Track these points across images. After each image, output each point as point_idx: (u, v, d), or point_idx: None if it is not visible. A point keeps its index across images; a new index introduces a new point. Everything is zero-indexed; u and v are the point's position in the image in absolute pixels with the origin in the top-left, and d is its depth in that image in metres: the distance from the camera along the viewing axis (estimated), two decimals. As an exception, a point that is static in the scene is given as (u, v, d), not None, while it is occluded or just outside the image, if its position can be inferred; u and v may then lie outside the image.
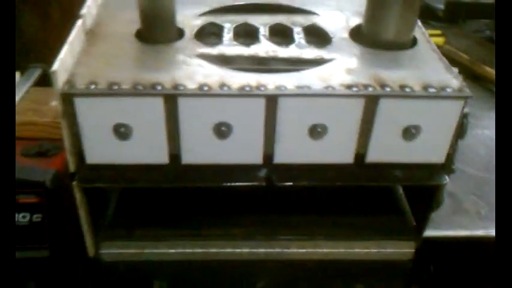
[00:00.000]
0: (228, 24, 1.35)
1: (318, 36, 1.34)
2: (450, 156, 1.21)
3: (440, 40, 2.20)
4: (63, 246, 1.42)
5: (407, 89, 1.10)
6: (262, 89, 1.08)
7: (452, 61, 1.64)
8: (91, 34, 1.28)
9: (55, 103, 1.14)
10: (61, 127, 1.10)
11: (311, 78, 1.13)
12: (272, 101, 1.09)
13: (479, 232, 1.44)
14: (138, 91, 1.07)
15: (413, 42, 1.30)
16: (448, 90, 1.11)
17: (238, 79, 1.11)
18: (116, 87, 1.07)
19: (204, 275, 1.42)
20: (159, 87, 1.07)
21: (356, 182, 1.22)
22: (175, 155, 1.16)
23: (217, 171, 1.19)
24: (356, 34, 1.32)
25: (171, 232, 1.36)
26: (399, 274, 1.44)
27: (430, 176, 1.22)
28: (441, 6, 2.42)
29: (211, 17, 1.39)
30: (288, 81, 1.11)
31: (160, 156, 1.16)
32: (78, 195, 1.21)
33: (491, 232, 1.43)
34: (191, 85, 1.08)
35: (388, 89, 1.10)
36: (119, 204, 1.43)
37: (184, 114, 1.09)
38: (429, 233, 1.39)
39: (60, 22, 2.32)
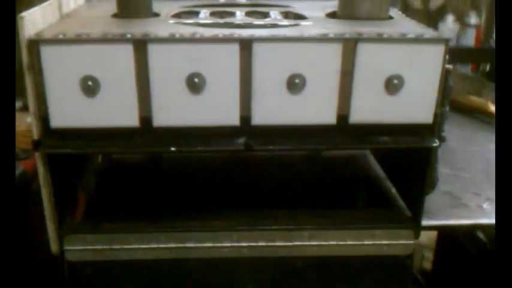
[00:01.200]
0: (205, 9, 1.36)
1: (294, 17, 1.34)
2: (438, 117, 1.15)
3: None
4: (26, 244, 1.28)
5: (385, 35, 1.08)
6: (236, 35, 1.05)
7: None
8: (66, 17, 1.28)
9: (29, 119, 1.10)
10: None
11: (286, 31, 1.11)
12: (246, 46, 1.05)
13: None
14: (107, 38, 1.04)
15: (390, 17, 1.30)
16: (426, 35, 1.09)
17: (211, 31, 1.08)
18: (84, 36, 1.04)
19: (180, 278, 1.26)
20: (128, 35, 1.04)
21: (340, 145, 1.14)
22: (146, 117, 1.10)
23: (192, 136, 1.12)
24: (332, 15, 1.32)
25: (143, 224, 1.24)
26: (399, 275, 1.29)
27: (419, 139, 1.15)
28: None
29: (189, 7, 1.40)
30: (262, 32, 1.08)
31: (130, 118, 1.09)
32: (41, 170, 1.11)
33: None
34: (162, 34, 1.05)
35: (365, 36, 1.07)
36: (87, 196, 1.32)
37: (155, 63, 1.05)
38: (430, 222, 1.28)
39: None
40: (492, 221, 1.29)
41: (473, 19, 2.75)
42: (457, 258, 2.59)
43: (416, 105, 1.12)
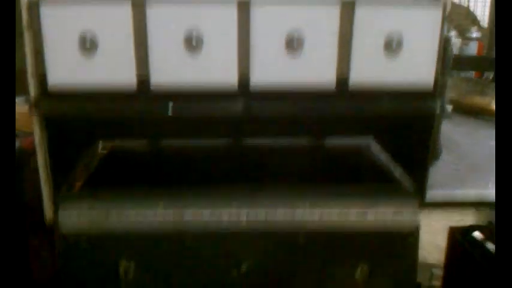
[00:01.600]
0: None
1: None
2: (439, 85, 1.14)
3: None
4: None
5: (383, -3, 1.08)
6: (234, -3, 1.06)
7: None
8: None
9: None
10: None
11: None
12: (244, 8, 1.06)
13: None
14: (106, -3, 1.04)
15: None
16: (424, -2, 1.09)
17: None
18: (84, -4, 1.05)
19: (177, 253, 1.22)
20: (128, -5, 1.05)
21: (339, 111, 1.13)
22: (144, 77, 1.09)
23: (189, 99, 1.11)
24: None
25: (141, 194, 1.21)
26: (405, 250, 1.24)
27: (421, 105, 1.13)
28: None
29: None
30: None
31: (127, 78, 1.09)
32: (37, 132, 1.10)
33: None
34: (161, -7, 1.06)
35: (363, -3, 1.08)
36: (86, 174, 1.29)
37: (153, 23, 1.05)
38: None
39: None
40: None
41: (475, 33, 2.78)
42: (468, 273, 2.51)
43: (416, 69, 1.11)
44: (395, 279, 1.24)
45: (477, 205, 1.28)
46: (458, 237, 2.83)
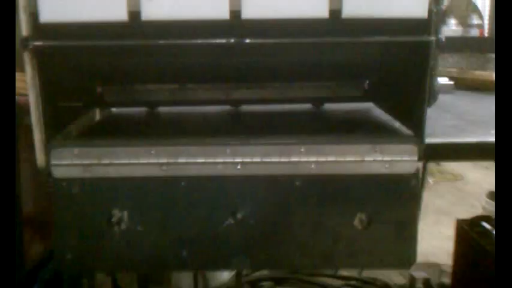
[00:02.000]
0: None
1: None
2: (433, 14, 1.12)
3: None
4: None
5: None
6: None
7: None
8: None
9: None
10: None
11: None
12: None
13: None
14: None
15: None
16: None
17: None
18: None
19: (171, 199, 1.19)
20: None
21: (332, 36, 1.11)
22: (134, 10, 1.08)
23: (182, 29, 1.10)
24: None
25: (134, 140, 1.19)
26: (404, 196, 1.21)
27: (416, 34, 1.11)
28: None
29: None
30: None
31: (119, 11, 1.08)
32: (29, 70, 1.09)
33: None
34: None
35: None
36: (80, 129, 1.28)
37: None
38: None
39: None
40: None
41: (475, 20, 2.78)
42: (477, 262, 2.45)
43: (409, -1, 1.10)
44: (398, 222, 1.20)
45: (477, 149, 1.24)
46: (466, 228, 2.77)
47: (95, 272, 1.52)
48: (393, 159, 1.19)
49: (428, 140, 1.20)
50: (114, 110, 1.57)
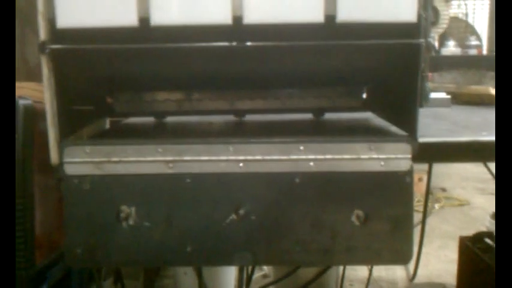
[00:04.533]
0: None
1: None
2: (422, 18, 1.20)
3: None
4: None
5: None
6: None
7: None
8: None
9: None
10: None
11: None
12: None
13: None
14: None
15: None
16: None
17: None
18: None
19: (176, 194, 1.25)
20: None
21: (328, 40, 1.19)
22: (144, 16, 1.17)
23: (187, 33, 1.18)
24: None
25: (141, 140, 1.26)
26: (400, 193, 1.26)
27: (405, 35, 1.19)
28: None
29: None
30: None
31: (129, 17, 1.17)
32: (46, 72, 1.17)
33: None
34: None
35: None
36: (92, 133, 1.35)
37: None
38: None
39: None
40: (491, 138, 1.28)
41: (473, 41, 2.87)
42: (480, 277, 2.48)
43: (399, 3, 1.18)
44: (393, 218, 1.25)
45: (468, 149, 1.30)
46: (469, 245, 2.79)
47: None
48: (388, 157, 1.25)
49: (422, 139, 1.26)
50: (123, 119, 1.65)
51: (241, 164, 1.24)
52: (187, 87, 1.48)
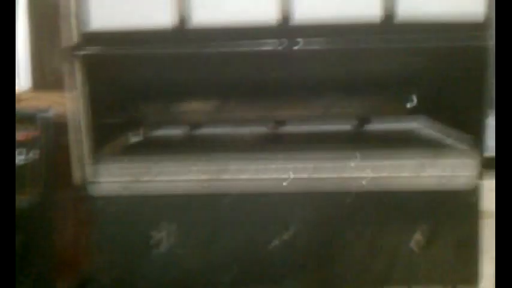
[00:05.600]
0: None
1: None
2: (490, 17, 1.06)
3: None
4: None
5: None
6: None
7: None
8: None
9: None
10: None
11: None
12: None
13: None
14: None
15: None
16: None
17: None
18: None
19: (213, 218, 1.12)
20: None
21: (385, 43, 1.06)
22: (183, 16, 1.05)
23: (228, 35, 1.06)
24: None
25: (174, 156, 1.13)
26: (463, 213, 1.12)
27: (470, 37, 1.06)
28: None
29: None
30: None
31: (167, 18, 1.05)
32: (79, 78, 1.06)
33: None
34: None
35: None
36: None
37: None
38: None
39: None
40: None
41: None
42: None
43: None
44: (457, 242, 1.11)
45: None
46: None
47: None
48: (449, 174, 1.11)
49: (489, 153, 1.12)
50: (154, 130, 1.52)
51: (284, 183, 1.11)
52: (222, 95, 1.35)
